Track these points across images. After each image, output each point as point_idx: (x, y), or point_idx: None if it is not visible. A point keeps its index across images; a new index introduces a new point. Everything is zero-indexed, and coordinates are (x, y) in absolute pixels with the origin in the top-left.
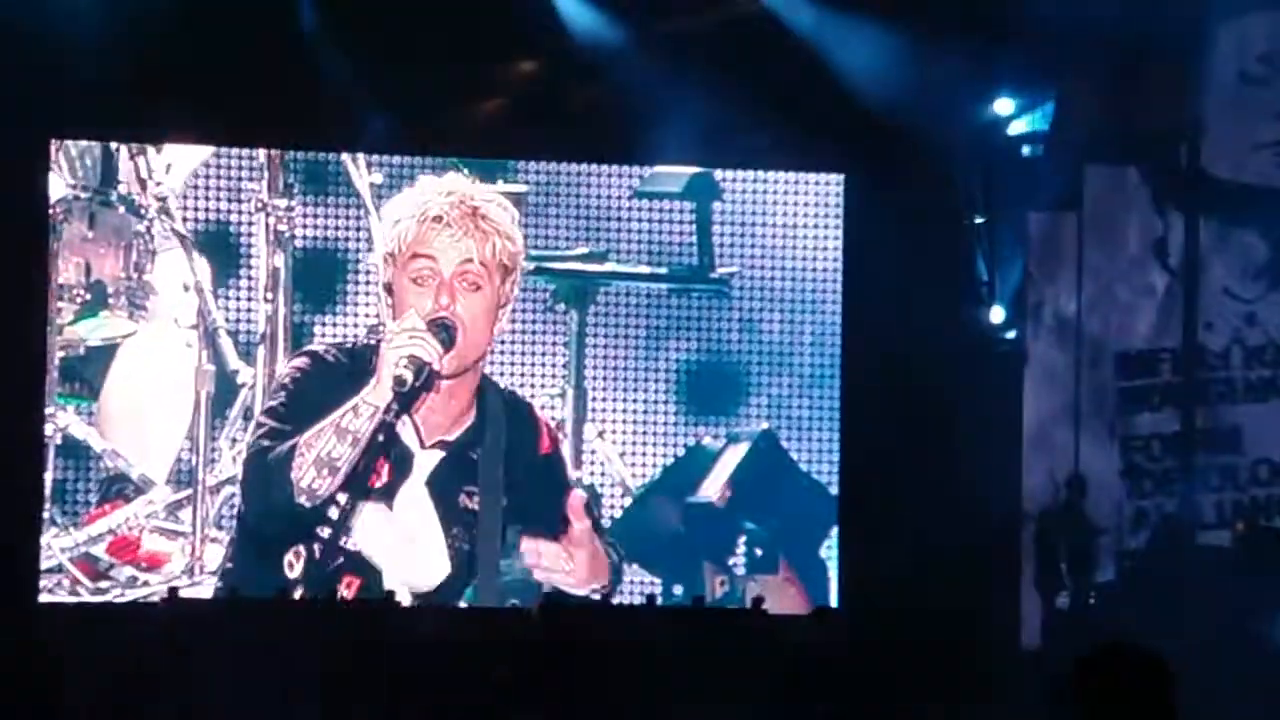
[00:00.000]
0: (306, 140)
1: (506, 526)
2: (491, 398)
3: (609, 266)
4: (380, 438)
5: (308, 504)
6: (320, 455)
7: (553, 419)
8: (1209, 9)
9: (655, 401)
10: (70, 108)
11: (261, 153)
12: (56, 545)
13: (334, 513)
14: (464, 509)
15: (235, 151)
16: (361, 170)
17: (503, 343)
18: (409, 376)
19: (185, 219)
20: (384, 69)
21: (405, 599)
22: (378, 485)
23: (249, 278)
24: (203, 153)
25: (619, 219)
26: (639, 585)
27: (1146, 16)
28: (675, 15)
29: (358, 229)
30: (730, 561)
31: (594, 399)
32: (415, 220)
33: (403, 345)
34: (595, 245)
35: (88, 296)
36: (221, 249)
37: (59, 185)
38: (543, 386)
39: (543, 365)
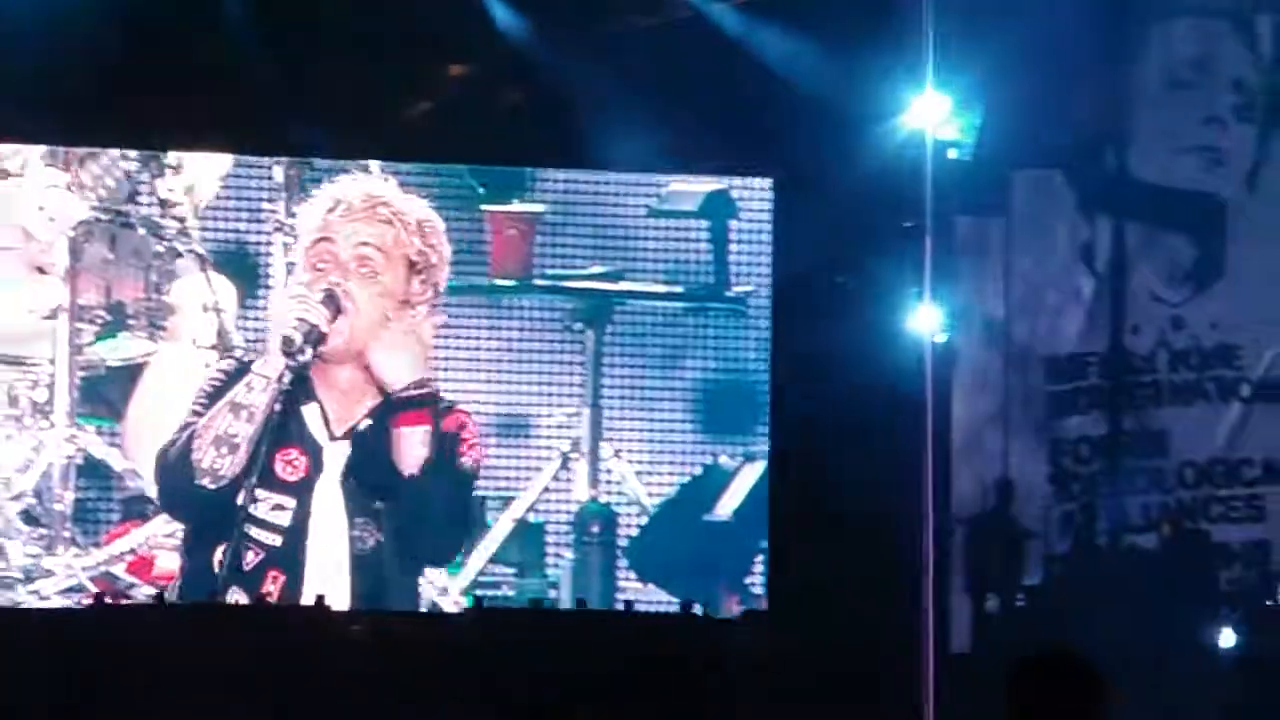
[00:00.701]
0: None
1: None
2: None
3: (625, 285)
4: (280, 414)
5: (211, 485)
6: (218, 434)
7: (568, 438)
8: (1136, 14)
9: (672, 420)
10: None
11: (280, 171)
12: (78, 565)
13: (253, 508)
14: (370, 502)
15: (254, 171)
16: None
17: (518, 361)
18: (296, 338)
19: (205, 239)
20: (315, 70)
21: (332, 597)
22: (293, 478)
23: (267, 297)
24: (221, 171)
25: (635, 237)
26: (657, 606)
27: (1074, 20)
28: (608, 19)
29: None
30: (747, 581)
31: (610, 418)
32: (324, 210)
33: (290, 309)
34: (611, 264)
35: (108, 318)
36: (240, 269)
37: (81, 207)
38: (559, 405)
39: (559, 384)
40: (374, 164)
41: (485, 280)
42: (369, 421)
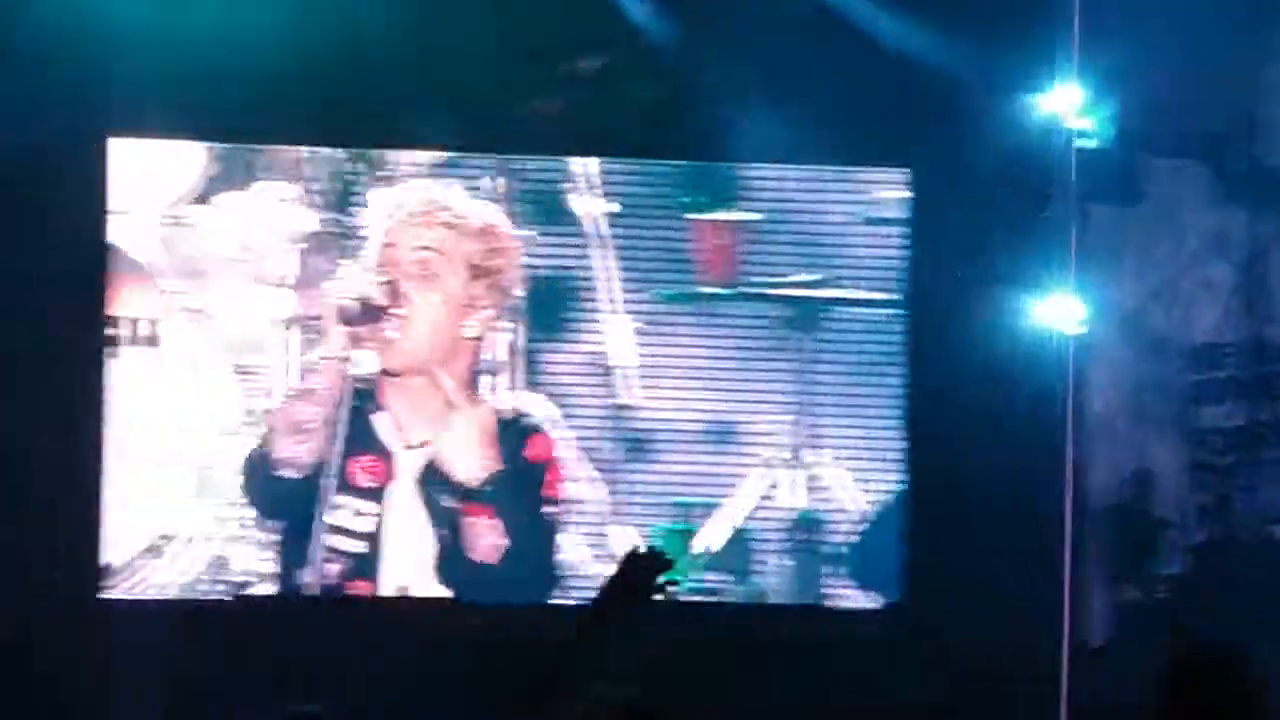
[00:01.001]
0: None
1: None
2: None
3: (832, 292)
4: (352, 421)
5: (294, 475)
6: (290, 423)
7: (777, 445)
8: (1274, 4)
9: (882, 425)
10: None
11: (487, 182)
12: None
13: (333, 516)
14: (448, 509)
15: (465, 183)
16: (590, 197)
17: (726, 369)
18: (355, 308)
19: None
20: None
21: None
22: (372, 485)
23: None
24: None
25: (845, 243)
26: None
27: (1209, 10)
28: (733, 10)
29: (589, 258)
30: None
31: (820, 425)
32: (384, 215)
33: (346, 288)
34: (822, 270)
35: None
36: None
37: (311, 218)
38: (768, 412)
39: (767, 391)
40: (593, 161)
41: (692, 288)
42: (440, 431)
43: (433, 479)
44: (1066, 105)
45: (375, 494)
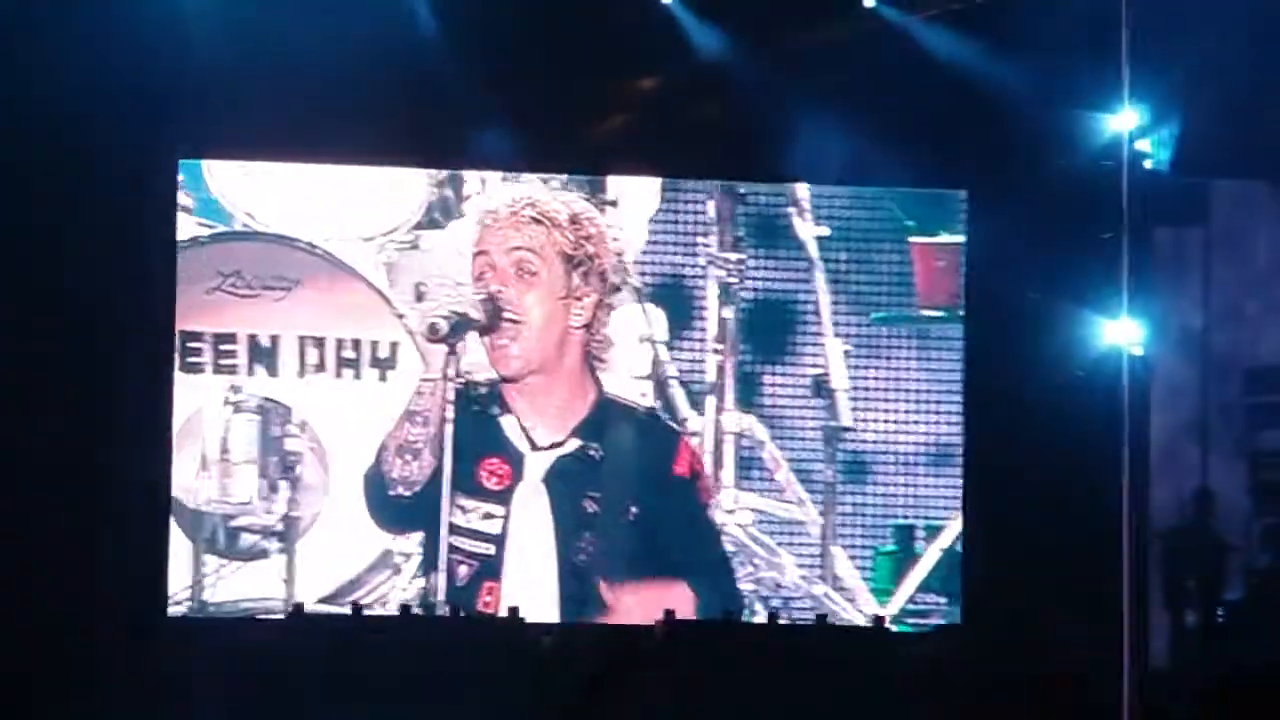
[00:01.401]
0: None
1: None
2: (606, 404)
3: None
4: (475, 424)
5: (406, 494)
6: (400, 443)
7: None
8: None
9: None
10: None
11: (711, 206)
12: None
13: (461, 518)
14: (585, 512)
15: (686, 207)
16: (808, 222)
17: (945, 391)
18: (443, 326)
19: (641, 273)
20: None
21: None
22: (498, 487)
23: (700, 329)
24: (652, 206)
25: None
26: None
27: (1274, 29)
28: (792, 30)
29: (805, 280)
30: None
31: None
32: (476, 224)
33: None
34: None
35: None
36: (675, 302)
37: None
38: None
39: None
40: (802, 187)
41: (913, 310)
42: (570, 434)
43: (560, 481)
44: (1129, 126)
45: (502, 496)
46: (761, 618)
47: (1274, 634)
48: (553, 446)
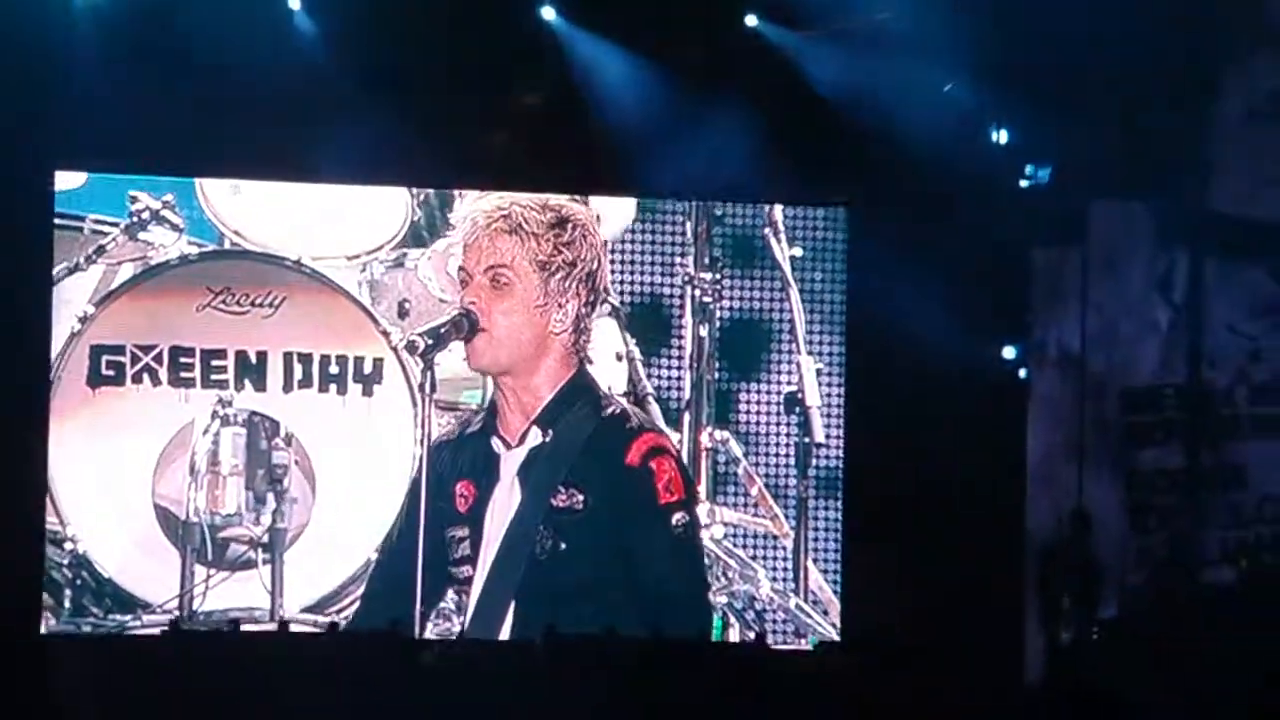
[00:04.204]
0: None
1: None
2: (578, 393)
3: None
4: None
5: None
6: None
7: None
8: (1217, 46)
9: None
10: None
11: (689, 227)
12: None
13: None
14: (552, 507)
15: (664, 226)
16: (783, 244)
17: None
18: (421, 343)
19: (619, 291)
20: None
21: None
22: (465, 509)
23: (677, 347)
24: (627, 222)
25: None
26: None
27: (1154, 53)
28: (674, 46)
29: (779, 300)
30: None
31: None
32: (458, 237)
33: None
34: None
35: None
36: (652, 320)
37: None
38: None
39: None
40: (777, 210)
41: None
42: (537, 427)
43: (528, 472)
44: (1006, 147)
45: (474, 514)
46: (734, 633)
47: (1146, 652)
48: (520, 443)
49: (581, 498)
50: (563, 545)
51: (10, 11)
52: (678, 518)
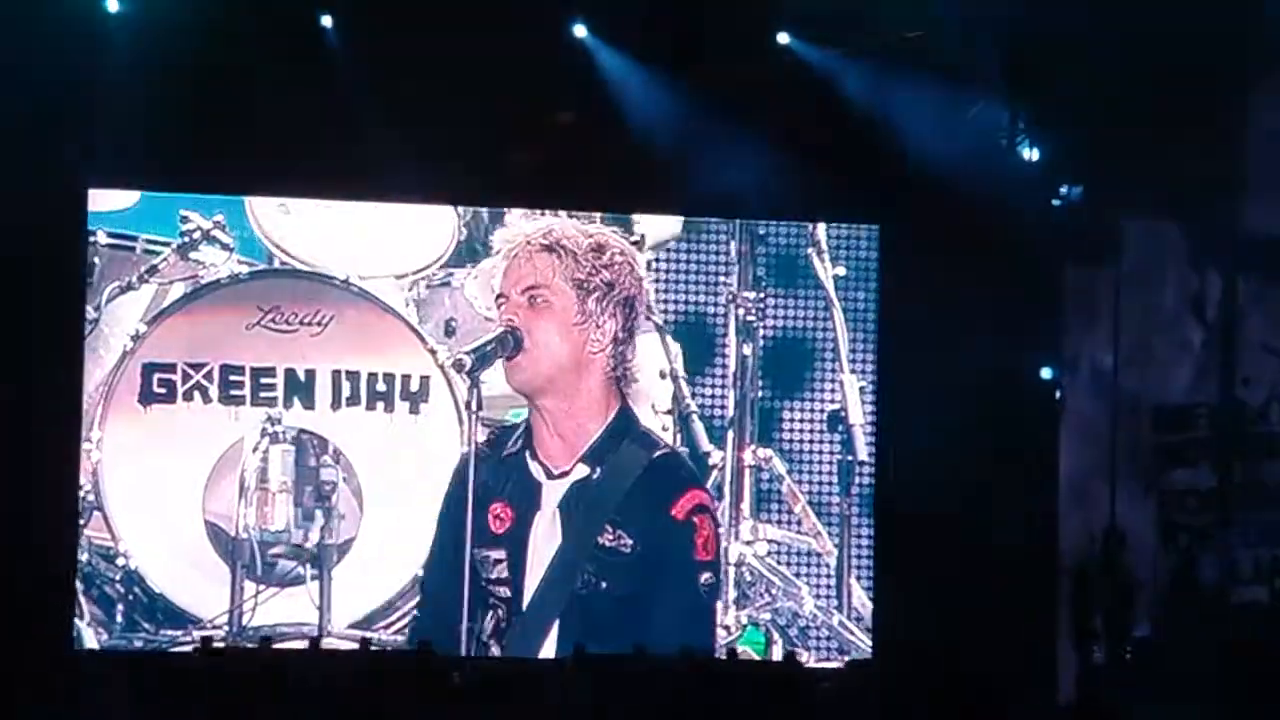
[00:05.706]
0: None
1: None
2: (626, 429)
3: None
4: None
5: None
6: None
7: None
8: (1248, 66)
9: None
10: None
11: (733, 246)
12: None
13: (483, 569)
14: (598, 545)
15: (709, 245)
16: (826, 264)
17: None
18: (467, 361)
19: (663, 310)
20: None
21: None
22: (502, 530)
23: (721, 365)
24: (672, 241)
25: None
26: None
27: (1189, 73)
28: (711, 67)
29: (823, 319)
30: None
31: None
32: (500, 256)
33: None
34: None
35: None
36: (696, 338)
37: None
38: None
39: None
40: (820, 229)
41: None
42: (584, 463)
43: (573, 507)
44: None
45: (512, 538)
46: (778, 650)
47: (1179, 670)
48: (562, 475)
49: (630, 541)
50: (604, 584)
51: (60, 31)
52: (705, 577)
